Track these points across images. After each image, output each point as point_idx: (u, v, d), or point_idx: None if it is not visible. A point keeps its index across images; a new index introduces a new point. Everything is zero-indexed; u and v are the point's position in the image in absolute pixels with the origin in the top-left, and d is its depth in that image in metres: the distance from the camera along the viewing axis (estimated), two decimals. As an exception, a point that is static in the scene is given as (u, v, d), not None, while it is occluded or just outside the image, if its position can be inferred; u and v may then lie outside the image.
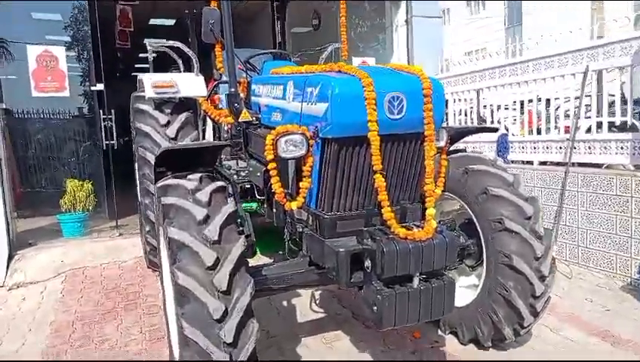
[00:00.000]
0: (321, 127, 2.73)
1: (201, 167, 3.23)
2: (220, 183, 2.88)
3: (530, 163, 6.00)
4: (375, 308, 2.59)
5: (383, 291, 2.54)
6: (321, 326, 4.09)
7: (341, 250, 2.71)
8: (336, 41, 4.93)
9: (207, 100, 4.22)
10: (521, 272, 3.15)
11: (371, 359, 3.56)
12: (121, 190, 6.71)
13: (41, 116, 7.00)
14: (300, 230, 3.19)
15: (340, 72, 2.84)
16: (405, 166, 2.87)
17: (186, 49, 4.82)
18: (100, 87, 6.44)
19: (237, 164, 4.48)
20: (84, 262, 5.62)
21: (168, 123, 4.69)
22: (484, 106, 6.96)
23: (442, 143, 3.22)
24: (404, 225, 2.68)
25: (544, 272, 3.19)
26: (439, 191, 3.31)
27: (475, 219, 3.44)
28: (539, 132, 6.15)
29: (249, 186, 4.34)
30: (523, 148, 6.09)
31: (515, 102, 6.52)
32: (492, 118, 6.79)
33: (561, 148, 5.60)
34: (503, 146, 6.25)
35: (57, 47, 5.93)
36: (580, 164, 5.42)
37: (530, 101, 6.30)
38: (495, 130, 3.86)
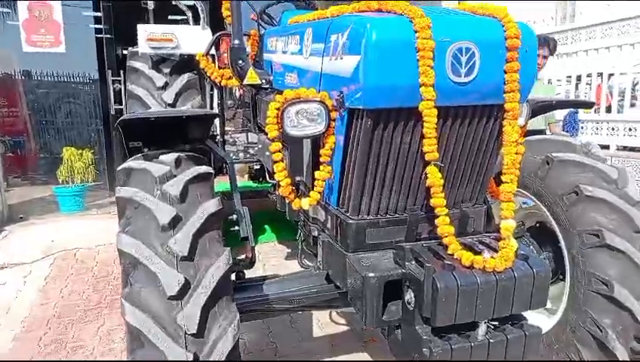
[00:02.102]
0: (349, 92, 1.85)
1: (186, 143, 2.42)
2: (202, 169, 2.05)
3: (607, 147, 4.93)
4: (417, 365, 1.74)
5: (433, 344, 1.68)
6: (341, 344, 3.28)
7: (371, 274, 1.84)
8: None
9: (205, 57, 3.35)
10: (626, 307, 2.24)
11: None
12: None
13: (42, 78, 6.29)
14: (316, 234, 2.34)
15: (380, 11, 1.92)
16: (472, 153, 1.96)
17: (198, -2, 3.94)
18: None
19: (247, 138, 3.67)
20: (78, 242, 4.94)
21: (166, 85, 3.86)
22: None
23: (522, 121, 2.28)
24: (468, 244, 1.79)
25: (658, 308, 2.26)
26: (514, 188, 2.41)
27: (556, 227, 2.52)
28: (608, 110, 5.08)
29: (258, 167, 3.54)
30: (597, 129, 5.02)
31: (569, 76, 5.50)
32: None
33: (647, 129, 4.54)
34: (571, 126, 5.19)
35: (51, -5, 5.12)
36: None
37: (589, 75, 5.25)
38: (591, 104, 2.90)
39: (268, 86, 2.89)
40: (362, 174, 1.95)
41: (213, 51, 3.53)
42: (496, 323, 1.77)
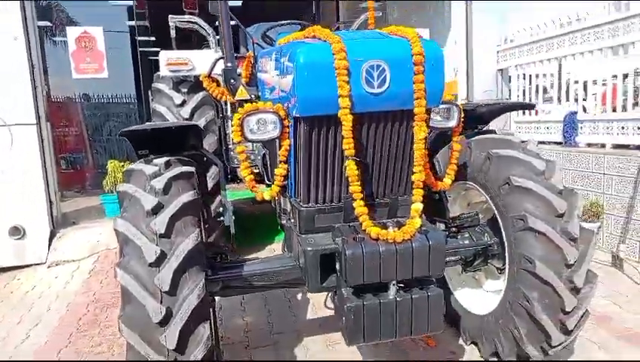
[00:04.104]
0: (292, 104, 2.32)
1: (183, 149, 2.97)
2: (185, 169, 2.57)
3: (604, 146, 5.10)
4: (343, 319, 2.18)
5: (349, 301, 2.12)
6: (330, 325, 3.71)
7: (309, 248, 2.31)
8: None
9: (208, 77, 3.93)
10: (548, 282, 2.55)
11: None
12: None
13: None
14: (284, 222, 2.83)
15: (314, 37, 2.40)
16: (391, 151, 2.38)
17: (202, 24, 4.56)
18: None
19: (253, 146, 4.20)
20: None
21: (184, 102, 4.49)
22: (569, 82, 5.75)
23: (454, 123, 2.68)
24: (379, 222, 2.22)
25: (577, 283, 2.56)
26: (449, 182, 2.81)
27: (497, 215, 2.86)
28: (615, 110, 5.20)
29: (257, 171, 4.06)
30: (594, 128, 5.20)
31: (615, 76, 5.14)
32: (584, 95, 5.65)
33: (639, 128, 4.69)
34: (570, 126, 5.40)
35: (95, 27, 5.94)
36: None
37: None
38: (532, 106, 3.18)
39: (257, 100, 3.41)
40: (307, 170, 2.41)
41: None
42: (405, 285, 2.17)
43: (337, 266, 2.25)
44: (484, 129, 3.29)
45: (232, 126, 2.47)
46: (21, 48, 5.44)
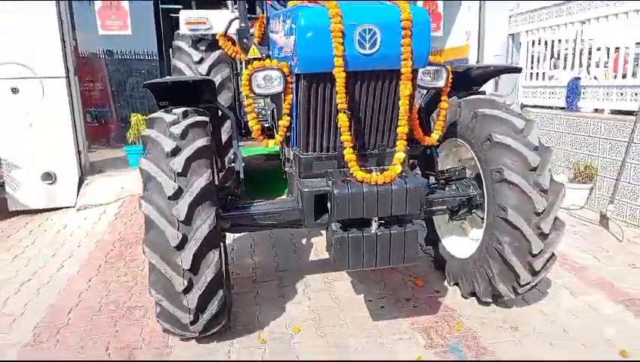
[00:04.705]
0: (294, 62, 2.63)
1: (199, 102, 3.30)
2: (199, 118, 2.92)
3: (602, 111, 5.29)
4: (332, 249, 2.55)
5: (337, 233, 2.49)
6: (329, 266, 4.11)
7: (305, 189, 2.67)
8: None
9: (223, 36, 4.22)
10: (517, 228, 2.88)
11: (365, 303, 3.53)
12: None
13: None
14: (287, 169, 3.17)
15: (317, 1, 2.67)
16: (381, 107, 2.69)
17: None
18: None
19: (264, 102, 4.52)
20: (141, 189, 6.10)
21: (202, 60, 4.77)
22: (592, 50, 5.63)
23: (441, 83, 2.97)
24: (367, 168, 2.55)
25: (544, 229, 2.88)
26: (436, 137, 3.11)
27: (480, 168, 3.17)
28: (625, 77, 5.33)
29: (267, 125, 4.38)
30: (595, 94, 5.37)
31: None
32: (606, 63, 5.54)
33: (637, 95, 4.86)
34: (572, 92, 5.58)
35: (120, -14, 6.23)
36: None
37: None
38: (518, 70, 3.39)
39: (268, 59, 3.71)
40: (306, 121, 2.74)
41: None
42: (386, 222, 2.52)
43: (328, 205, 2.60)
44: (478, 90, 3.55)
45: (242, 81, 2.79)
46: (51, 5, 5.77)
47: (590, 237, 4.60)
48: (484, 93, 3.42)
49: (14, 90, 5.80)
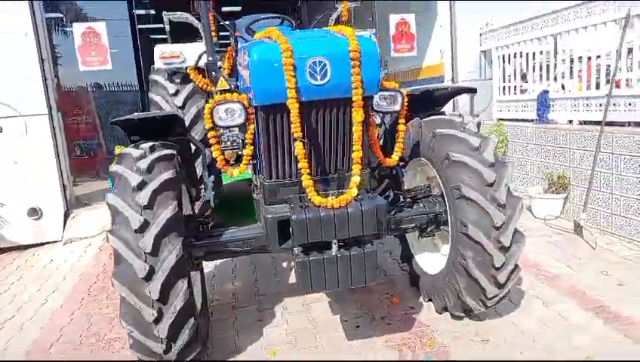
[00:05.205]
0: (251, 94, 2.75)
1: (170, 135, 3.40)
2: (165, 151, 3.02)
3: (571, 122, 5.43)
4: (295, 272, 2.63)
5: (298, 257, 2.57)
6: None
7: (269, 216, 2.76)
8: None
9: (194, 69, 4.36)
10: (478, 242, 2.97)
11: (340, 323, 3.59)
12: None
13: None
14: (255, 196, 3.27)
15: (269, 38, 2.81)
16: (336, 133, 2.80)
17: (191, 19, 4.96)
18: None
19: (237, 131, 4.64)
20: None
21: (177, 92, 4.91)
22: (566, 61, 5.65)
23: (397, 107, 3.09)
24: (324, 193, 2.65)
25: (504, 243, 2.96)
26: (396, 158, 3.23)
27: (442, 186, 3.27)
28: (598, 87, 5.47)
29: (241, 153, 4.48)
30: (563, 106, 5.52)
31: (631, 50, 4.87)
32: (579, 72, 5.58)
33: (601, 105, 4.99)
34: (542, 105, 5.73)
35: (99, 22, 6.40)
36: (624, 124, 4.81)
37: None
38: (473, 90, 3.52)
39: (237, 91, 3.83)
40: (267, 150, 2.85)
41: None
42: (345, 244, 2.61)
43: (290, 230, 2.69)
44: (439, 111, 3.67)
45: (204, 114, 2.90)
46: (31, 43, 5.94)
47: (565, 246, 4.68)
48: (443, 113, 3.54)
49: (-2, 130, 5.92)
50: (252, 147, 2.96)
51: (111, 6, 10.43)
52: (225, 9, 12.99)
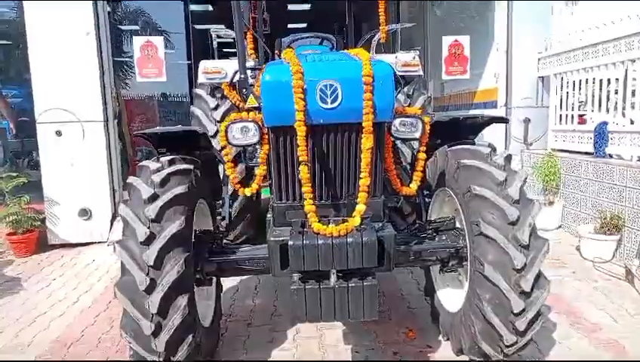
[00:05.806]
0: (263, 115, 2.73)
1: (196, 150, 3.44)
2: (182, 166, 3.05)
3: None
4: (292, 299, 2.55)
5: (295, 284, 2.50)
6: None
7: (272, 239, 2.71)
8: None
9: (229, 85, 4.43)
10: (495, 284, 2.75)
11: (350, 354, 3.46)
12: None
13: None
14: (268, 215, 3.23)
15: (285, 60, 2.78)
16: (344, 159, 2.71)
17: (232, 34, 5.05)
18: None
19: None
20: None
21: (217, 106, 5.02)
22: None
23: (417, 134, 2.96)
24: (326, 219, 2.56)
25: (524, 287, 2.72)
26: (414, 188, 3.09)
27: (463, 220, 3.08)
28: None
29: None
30: (622, 139, 5.09)
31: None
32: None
33: (666, 141, 4.56)
34: (600, 137, 5.32)
35: (157, 37, 6.69)
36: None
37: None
38: (505, 120, 3.26)
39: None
40: (277, 171, 2.81)
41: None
42: (344, 275, 2.49)
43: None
44: (471, 140, 3.48)
45: (219, 132, 2.91)
46: (92, 46, 6.29)
47: (612, 293, 4.27)
48: (473, 142, 3.35)
49: (58, 133, 6.31)
50: (264, 166, 2.94)
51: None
52: (291, 25, 13.34)
